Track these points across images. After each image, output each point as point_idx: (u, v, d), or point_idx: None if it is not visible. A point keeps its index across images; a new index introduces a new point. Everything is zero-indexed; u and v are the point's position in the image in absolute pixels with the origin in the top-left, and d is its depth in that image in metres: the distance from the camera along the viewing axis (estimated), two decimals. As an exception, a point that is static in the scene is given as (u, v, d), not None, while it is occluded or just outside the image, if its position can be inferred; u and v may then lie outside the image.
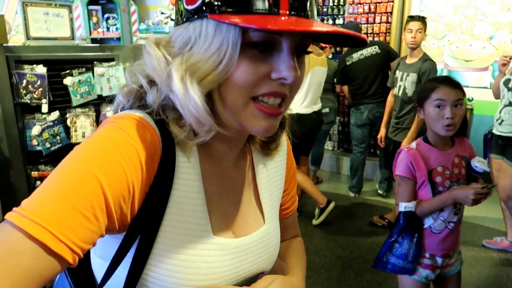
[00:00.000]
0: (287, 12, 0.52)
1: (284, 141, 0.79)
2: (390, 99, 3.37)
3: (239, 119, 0.57)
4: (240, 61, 0.53)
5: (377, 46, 3.65)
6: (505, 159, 2.76)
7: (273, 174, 0.76)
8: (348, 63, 3.63)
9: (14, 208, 0.48)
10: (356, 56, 3.62)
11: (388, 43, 4.22)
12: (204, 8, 0.53)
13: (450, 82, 1.55)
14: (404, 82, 3.08)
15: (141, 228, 0.56)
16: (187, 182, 0.60)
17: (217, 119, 0.57)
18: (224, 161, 0.67)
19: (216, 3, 0.52)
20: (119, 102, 0.63)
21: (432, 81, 1.63)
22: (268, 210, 0.73)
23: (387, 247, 1.64)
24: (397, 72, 3.19)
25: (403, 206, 1.58)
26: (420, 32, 3.00)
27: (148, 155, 0.54)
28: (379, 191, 3.97)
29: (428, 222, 1.60)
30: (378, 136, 3.43)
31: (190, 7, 0.54)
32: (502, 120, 2.72)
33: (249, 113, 0.56)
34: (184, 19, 0.56)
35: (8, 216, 0.47)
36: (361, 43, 0.56)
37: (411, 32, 3.01)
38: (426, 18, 3.14)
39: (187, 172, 0.60)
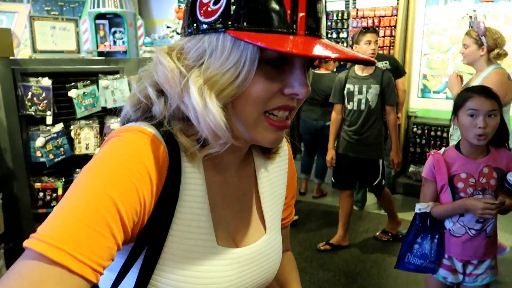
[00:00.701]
0: (303, 32, 0.53)
1: (285, 145, 0.79)
2: (336, 117, 3.09)
3: (250, 132, 0.58)
4: (256, 76, 0.53)
5: (387, 62, 3.63)
6: None
7: (274, 180, 0.76)
8: None
9: (31, 235, 0.47)
10: None
11: (392, 55, 4.24)
12: (221, 22, 0.53)
13: (485, 93, 1.58)
14: (366, 95, 2.93)
15: (149, 239, 0.57)
16: (193, 193, 0.60)
17: (230, 132, 0.57)
18: (228, 170, 0.67)
19: (234, 19, 0.52)
20: (126, 113, 0.64)
21: (467, 90, 1.66)
22: (269, 219, 0.73)
23: (406, 246, 1.71)
24: (349, 86, 2.98)
25: (418, 208, 1.67)
26: (376, 43, 2.95)
27: (156, 168, 0.55)
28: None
29: (448, 224, 1.65)
30: (328, 158, 3.14)
31: (206, 20, 0.54)
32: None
33: (260, 127, 0.57)
34: (198, 31, 0.55)
35: (26, 243, 0.47)
36: (370, 64, 0.57)
37: (370, 43, 2.90)
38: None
39: (193, 182, 0.60)
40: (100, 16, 5.45)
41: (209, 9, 0.54)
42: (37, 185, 1.99)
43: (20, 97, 1.88)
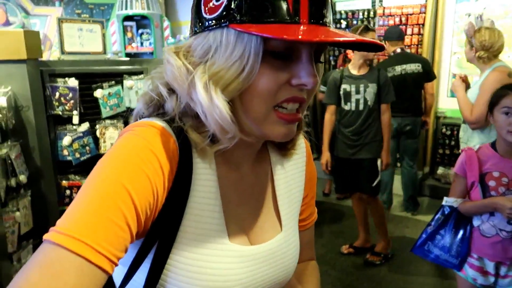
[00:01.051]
0: (307, 21, 0.52)
1: (303, 143, 0.78)
2: (330, 117, 2.96)
3: (260, 126, 0.58)
4: (262, 69, 0.53)
5: (420, 65, 3.53)
6: None
7: (291, 177, 0.75)
8: (389, 74, 3.50)
9: (51, 228, 0.49)
10: (398, 69, 3.51)
11: (420, 54, 4.13)
12: (224, 17, 0.53)
13: None
14: (364, 94, 2.83)
15: (160, 233, 0.57)
16: (204, 188, 0.60)
17: (238, 126, 0.58)
18: (242, 166, 0.67)
19: (237, 12, 0.52)
20: (138, 110, 0.65)
21: (504, 88, 1.66)
22: (286, 217, 0.72)
23: (426, 234, 1.73)
24: (345, 86, 2.85)
25: (445, 200, 1.69)
26: None
27: (167, 159, 0.56)
28: (407, 212, 3.85)
29: (476, 222, 1.64)
30: (323, 161, 2.96)
31: (210, 16, 0.55)
32: None
33: (269, 121, 0.57)
34: (203, 28, 0.56)
35: (46, 236, 0.48)
36: (380, 48, 0.56)
37: None
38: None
39: (205, 178, 0.61)
40: (128, 18, 5.56)
41: (212, 5, 0.55)
42: (64, 183, 2.04)
43: (48, 97, 1.93)
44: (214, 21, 0.54)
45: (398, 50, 3.62)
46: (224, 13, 0.53)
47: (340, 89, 2.88)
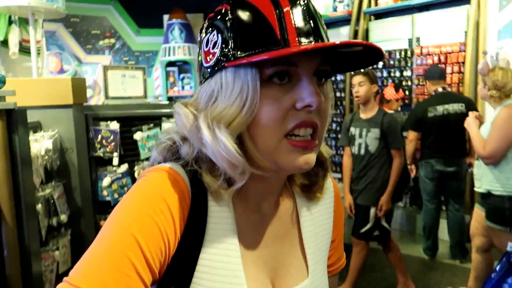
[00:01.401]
0: (297, 42, 0.54)
1: (331, 183, 0.75)
2: (347, 160, 2.95)
3: (274, 159, 0.57)
4: (263, 99, 0.54)
5: (463, 105, 3.43)
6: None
7: (318, 220, 0.72)
8: (430, 114, 3.44)
9: (64, 278, 0.51)
10: (440, 109, 3.43)
11: (462, 93, 4.01)
12: (221, 60, 0.56)
13: None
14: (365, 139, 2.77)
15: (174, 280, 0.56)
16: (219, 232, 0.59)
17: (250, 161, 0.57)
18: (263, 207, 0.65)
19: (230, 52, 0.55)
20: (154, 158, 0.66)
21: None
22: (313, 261, 0.68)
23: (490, 284, 1.63)
24: (352, 129, 2.87)
25: (509, 246, 1.62)
26: (362, 85, 2.73)
27: (178, 206, 0.56)
28: (454, 259, 3.60)
29: None
30: (346, 205, 2.92)
31: (209, 64, 0.58)
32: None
33: (283, 151, 0.56)
34: (207, 77, 0.59)
35: (60, 286, 0.50)
36: (379, 57, 0.57)
37: (354, 86, 2.77)
38: (370, 71, 2.85)
39: (220, 221, 0.60)
40: (171, 63, 5.86)
41: (210, 53, 0.58)
42: (102, 223, 2.09)
43: (91, 139, 2.03)
44: (213, 67, 0.57)
45: (440, 90, 3.54)
46: (220, 56, 0.56)
47: (349, 131, 2.91)
